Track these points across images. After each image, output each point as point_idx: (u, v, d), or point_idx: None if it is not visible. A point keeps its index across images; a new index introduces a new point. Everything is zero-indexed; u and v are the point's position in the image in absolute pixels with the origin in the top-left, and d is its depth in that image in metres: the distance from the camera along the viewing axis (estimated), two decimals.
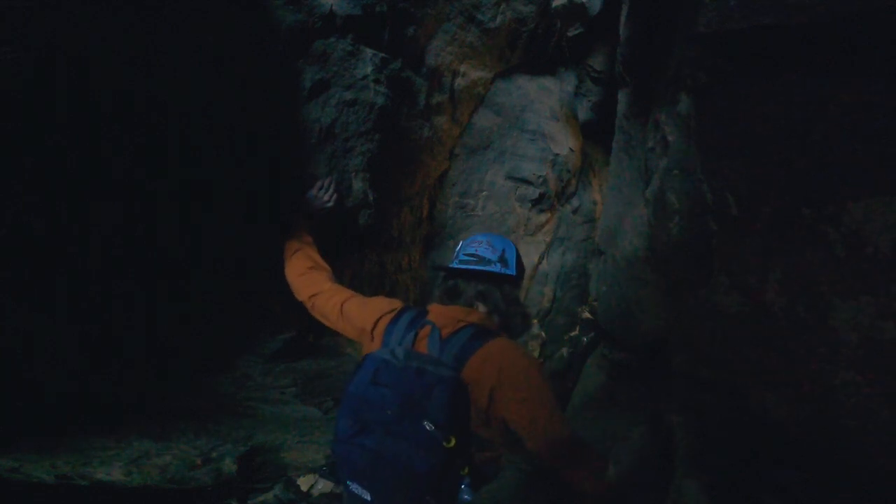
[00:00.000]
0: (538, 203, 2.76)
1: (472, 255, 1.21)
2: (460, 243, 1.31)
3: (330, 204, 1.49)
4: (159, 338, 1.39)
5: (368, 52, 1.62)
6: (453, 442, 0.88)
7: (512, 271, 1.22)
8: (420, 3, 1.83)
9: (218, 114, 1.27)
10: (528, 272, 2.82)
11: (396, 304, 1.17)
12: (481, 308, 1.15)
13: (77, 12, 0.94)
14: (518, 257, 1.28)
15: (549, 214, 2.87)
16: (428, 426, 0.89)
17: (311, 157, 1.52)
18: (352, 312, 1.18)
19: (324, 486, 2.59)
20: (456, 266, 1.21)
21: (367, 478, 0.91)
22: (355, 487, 0.91)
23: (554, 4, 2.56)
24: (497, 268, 1.18)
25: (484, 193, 2.52)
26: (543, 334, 2.95)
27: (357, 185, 1.64)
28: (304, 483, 2.59)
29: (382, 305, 1.16)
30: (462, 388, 0.94)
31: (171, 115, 1.17)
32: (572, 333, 3.10)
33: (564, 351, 3.04)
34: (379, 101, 1.65)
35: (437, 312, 1.12)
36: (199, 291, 1.37)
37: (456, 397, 0.92)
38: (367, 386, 0.95)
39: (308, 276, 1.29)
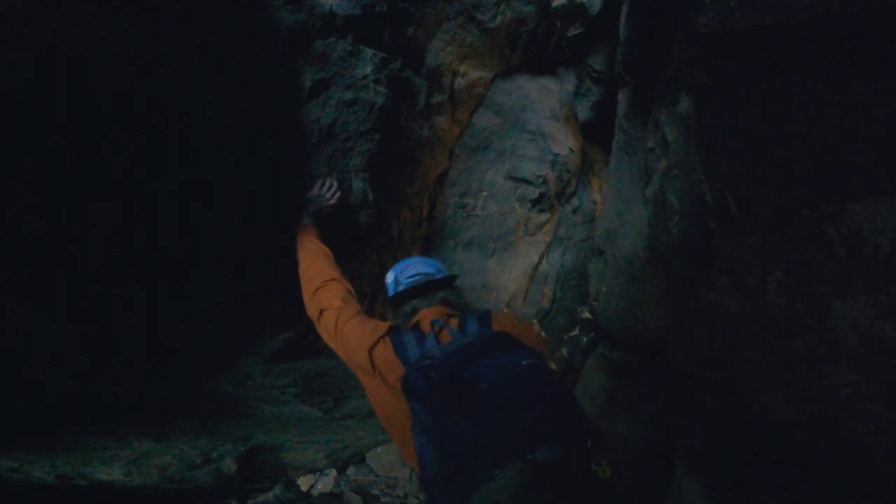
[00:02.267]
0: (538, 203, 2.75)
1: (413, 275, 1.27)
2: (392, 273, 1.32)
3: (333, 202, 1.49)
4: (159, 338, 1.39)
5: (368, 52, 1.62)
6: (553, 365, 0.92)
7: (445, 272, 1.33)
8: (420, 3, 1.83)
9: (218, 114, 1.27)
10: (528, 272, 2.82)
11: (381, 328, 1.12)
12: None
13: (77, 12, 0.94)
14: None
15: (549, 214, 2.87)
16: (528, 361, 0.91)
17: (311, 157, 1.52)
18: (347, 336, 1.14)
19: (324, 485, 2.59)
20: (407, 287, 1.25)
21: (553, 433, 0.81)
22: (543, 450, 0.79)
23: (554, 4, 2.56)
24: (441, 274, 1.29)
25: (484, 193, 2.52)
26: (543, 334, 2.95)
27: (357, 185, 1.64)
28: (304, 483, 2.59)
29: (368, 335, 1.11)
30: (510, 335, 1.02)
31: (171, 115, 1.17)
32: (572, 333, 3.10)
33: (564, 351, 3.04)
34: (379, 101, 1.65)
35: (431, 313, 1.15)
36: (199, 291, 1.37)
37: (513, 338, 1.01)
38: (448, 389, 0.89)
39: (320, 293, 1.25)
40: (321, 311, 1.22)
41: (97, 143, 1.03)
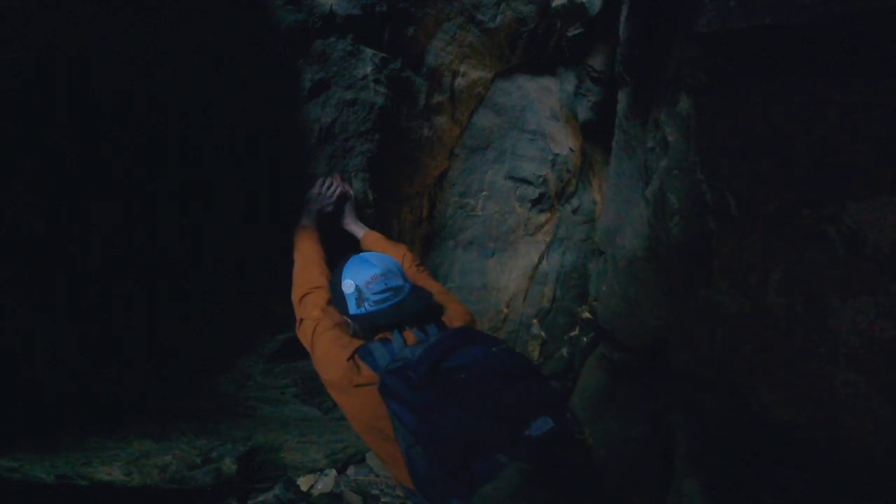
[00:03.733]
0: (538, 203, 2.75)
1: (383, 291, 1.13)
2: (351, 281, 1.15)
3: (334, 200, 1.47)
4: (159, 338, 1.39)
5: (368, 52, 1.62)
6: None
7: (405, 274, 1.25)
8: (420, 3, 1.83)
9: (218, 114, 1.27)
10: (528, 272, 2.82)
11: (353, 345, 1.08)
12: None
13: (77, 12, 0.94)
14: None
15: (548, 214, 2.87)
16: (497, 347, 0.96)
17: (311, 157, 1.52)
18: (318, 350, 1.10)
19: (324, 485, 2.59)
20: (379, 309, 1.13)
21: (539, 408, 0.85)
22: (537, 425, 0.82)
23: (554, 4, 2.56)
24: (409, 285, 1.19)
25: (484, 193, 2.52)
26: (543, 334, 2.95)
27: (357, 185, 1.64)
28: (304, 483, 2.59)
29: (340, 352, 1.06)
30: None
31: (171, 115, 1.17)
32: (572, 333, 3.10)
33: (564, 351, 3.04)
34: (379, 101, 1.65)
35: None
36: (199, 291, 1.37)
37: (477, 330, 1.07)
38: (431, 384, 0.90)
39: (305, 300, 1.23)
40: (301, 320, 1.20)
41: (97, 143, 1.03)
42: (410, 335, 1.08)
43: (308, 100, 1.49)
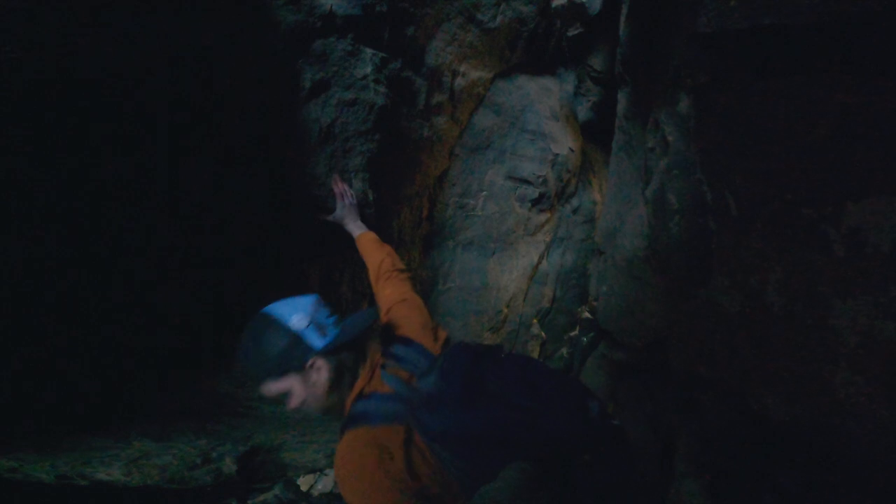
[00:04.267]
0: (538, 203, 2.75)
1: (332, 313, 1.02)
2: (303, 316, 0.97)
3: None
4: (159, 338, 1.39)
5: (368, 51, 1.62)
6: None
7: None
8: (420, 3, 1.83)
9: (218, 113, 1.27)
10: (528, 272, 2.82)
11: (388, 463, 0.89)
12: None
13: (76, 12, 0.94)
14: None
15: (548, 214, 2.87)
16: (503, 353, 1.01)
17: (311, 157, 1.52)
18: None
19: (324, 485, 2.59)
20: (343, 328, 1.01)
21: (584, 393, 0.92)
22: (592, 407, 0.90)
23: (554, 4, 2.56)
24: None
25: (484, 193, 2.52)
26: (543, 334, 2.95)
27: (357, 185, 1.64)
28: (304, 483, 2.59)
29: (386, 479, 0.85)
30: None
31: (170, 115, 1.17)
32: (572, 333, 3.10)
33: (564, 351, 3.05)
34: (379, 101, 1.65)
35: (366, 370, 1.01)
36: (198, 291, 1.37)
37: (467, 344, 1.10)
38: (469, 398, 0.88)
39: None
40: None
41: (96, 142, 1.03)
42: (402, 372, 0.99)
43: (308, 100, 1.49)
